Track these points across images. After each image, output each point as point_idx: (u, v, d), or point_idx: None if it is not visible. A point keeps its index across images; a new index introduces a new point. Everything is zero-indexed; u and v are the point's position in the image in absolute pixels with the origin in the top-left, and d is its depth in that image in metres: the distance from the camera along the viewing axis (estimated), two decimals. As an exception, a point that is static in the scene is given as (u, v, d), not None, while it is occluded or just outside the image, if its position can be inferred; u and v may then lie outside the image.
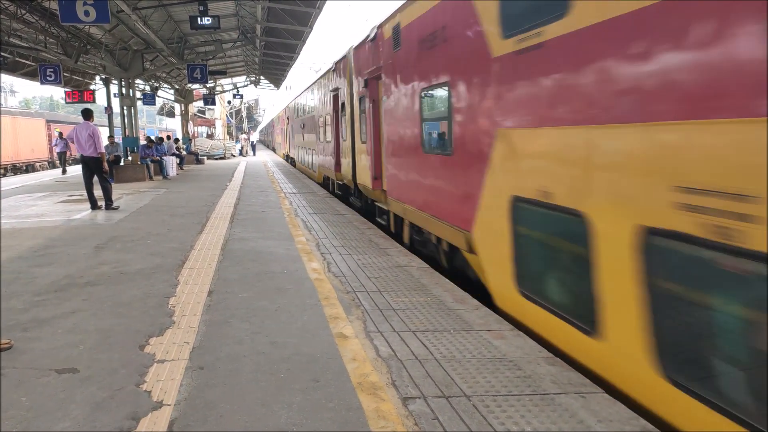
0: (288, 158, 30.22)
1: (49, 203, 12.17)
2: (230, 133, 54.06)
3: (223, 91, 40.99)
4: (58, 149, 25.22)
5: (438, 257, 6.77)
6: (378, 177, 9.56)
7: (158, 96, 32.09)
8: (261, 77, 36.93)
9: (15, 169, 31.88)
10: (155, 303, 4.80)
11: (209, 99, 36.36)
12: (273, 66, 30.88)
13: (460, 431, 2.72)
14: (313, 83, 17.51)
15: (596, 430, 2.73)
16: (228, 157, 35.67)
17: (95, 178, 10.86)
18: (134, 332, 4.09)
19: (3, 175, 27.71)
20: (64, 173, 22.88)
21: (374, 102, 9.30)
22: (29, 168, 33.83)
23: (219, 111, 48.55)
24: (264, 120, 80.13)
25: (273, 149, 50.65)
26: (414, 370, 3.43)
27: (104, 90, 24.94)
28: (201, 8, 14.18)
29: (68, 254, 6.78)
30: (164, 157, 19.79)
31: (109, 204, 10.87)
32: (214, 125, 48.58)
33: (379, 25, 8.45)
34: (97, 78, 26.65)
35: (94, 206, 10.84)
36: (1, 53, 18.93)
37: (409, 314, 4.53)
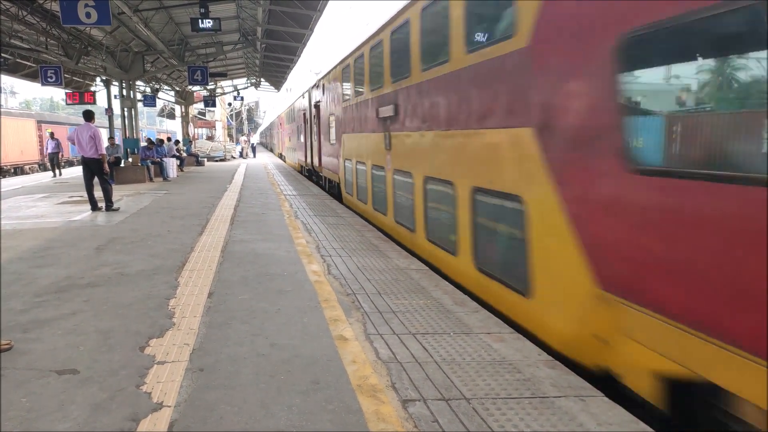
0: (281, 156, 38.17)
1: (49, 204, 12.17)
2: (230, 135, 54.10)
3: (224, 93, 41.05)
4: (50, 150, 23.90)
5: (325, 186, 16.07)
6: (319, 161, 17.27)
7: (159, 98, 32.15)
8: (261, 79, 37.00)
9: (1, 172, 28.91)
10: (155, 304, 4.81)
11: (209, 101, 36.43)
12: (273, 68, 30.94)
13: (460, 434, 2.72)
14: (293, 103, 25.51)
15: (596, 434, 2.73)
16: (228, 159, 35.70)
17: (95, 180, 10.87)
18: (134, 333, 4.09)
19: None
20: (59, 175, 22.17)
21: (317, 119, 16.58)
22: (17, 171, 31.95)
23: (219, 113, 48.62)
24: (264, 122, 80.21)
25: (272, 151, 50.90)
26: (414, 373, 3.44)
27: (105, 91, 24.98)
28: (202, 10, 14.22)
29: (68, 255, 6.79)
30: (164, 159, 19.80)
31: (110, 205, 10.87)
32: (215, 127, 48.65)
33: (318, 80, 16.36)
34: (98, 79, 26.69)
35: (95, 207, 10.84)
36: (2, 54, 18.96)
37: (409, 317, 4.54)
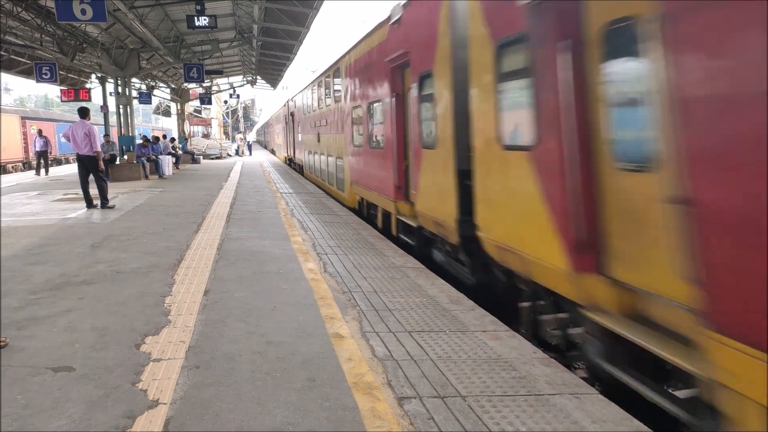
0: (273, 152, 44.43)
1: (45, 202, 12.13)
2: (226, 133, 53.94)
3: (220, 91, 40.88)
4: (38, 148, 22.86)
5: (297, 170, 23.55)
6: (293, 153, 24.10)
7: (154, 95, 32.01)
8: (258, 77, 36.89)
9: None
10: (151, 302, 4.80)
11: (205, 98, 36.24)
12: (270, 66, 30.87)
13: (456, 431, 2.74)
14: (278, 111, 32.40)
15: (590, 431, 2.75)
16: (224, 157, 35.63)
17: (91, 177, 10.84)
18: (130, 331, 4.09)
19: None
20: (46, 174, 21.56)
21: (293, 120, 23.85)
22: (-2, 169, 29.28)
23: (215, 110, 48.43)
24: (260, 120, 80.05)
25: (267, 148, 51.38)
26: (410, 370, 3.45)
27: (100, 89, 24.86)
28: (198, 8, 14.16)
29: (64, 253, 6.77)
30: (160, 157, 19.75)
31: (105, 203, 10.84)
32: (211, 125, 48.47)
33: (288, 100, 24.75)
34: (93, 76, 26.56)
35: (90, 205, 10.81)
36: (-3, 51, 18.86)
37: (405, 315, 4.55)
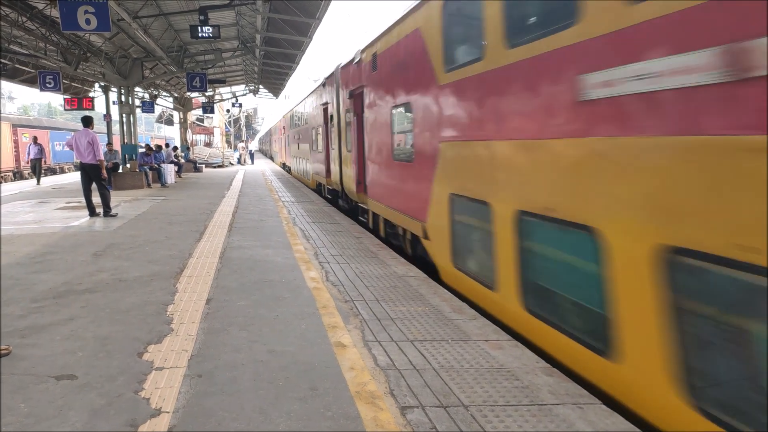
0: (272, 158, 45.79)
1: (47, 210, 12.16)
2: (228, 142, 54.13)
3: (222, 100, 41.09)
4: (32, 156, 22.12)
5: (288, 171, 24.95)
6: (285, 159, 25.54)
7: (157, 104, 32.16)
8: (260, 86, 37.06)
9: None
10: (153, 310, 4.81)
11: (208, 107, 36.44)
12: (272, 75, 31.01)
13: (458, 441, 2.73)
14: (275, 123, 35.10)
15: (593, 441, 2.74)
16: (226, 166, 35.72)
17: (93, 185, 10.87)
18: (132, 339, 4.09)
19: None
20: (37, 183, 20.83)
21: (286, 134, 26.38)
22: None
23: (217, 119, 48.66)
24: (262, 129, 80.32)
25: (271, 158, 51.53)
26: (412, 380, 3.44)
27: (103, 97, 25.00)
28: (201, 18, 14.27)
29: (66, 261, 6.78)
30: (162, 165, 19.81)
31: (107, 211, 10.87)
32: (213, 133, 48.67)
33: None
34: (97, 85, 26.70)
35: (92, 213, 10.84)
36: (1, 60, 18.97)
37: (407, 324, 4.55)
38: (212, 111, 37.65)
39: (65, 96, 24.03)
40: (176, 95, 32.54)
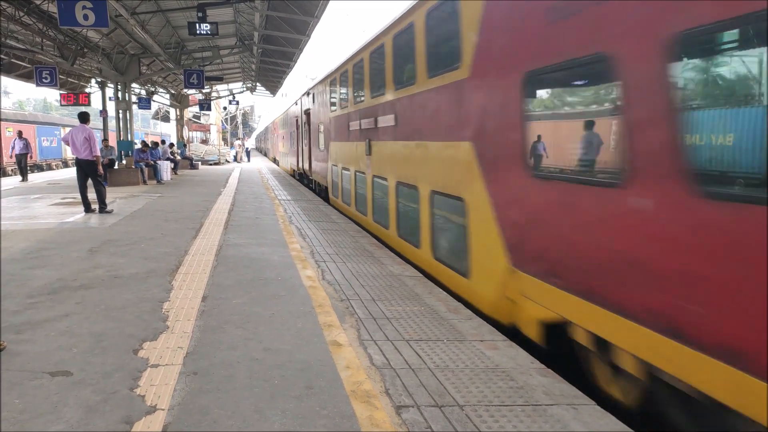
0: (265, 154, 49.53)
1: (42, 205, 12.11)
2: (225, 139, 54.01)
3: (219, 97, 41.01)
4: (17, 151, 20.83)
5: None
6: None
7: (154, 100, 32.06)
8: (257, 84, 37.04)
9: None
10: (149, 307, 4.80)
11: (205, 104, 36.38)
12: (270, 73, 30.99)
13: (453, 440, 2.74)
14: (267, 125, 39.01)
15: (587, 441, 2.76)
16: (222, 163, 35.65)
17: (89, 181, 10.84)
18: (128, 336, 4.09)
19: None
20: (24, 180, 19.94)
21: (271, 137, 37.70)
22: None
23: (214, 117, 48.56)
24: (259, 127, 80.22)
25: (265, 155, 51.97)
26: (407, 379, 3.45)
27: (100, 93, 24.91)
28: (199, 14, 14.23)
29: (61, 257, 6.76)
30: (158, 162, 19.76)
31: (103, 207, 10.84)
32: (209, 131, 48.56)
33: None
34: (93, 81, 26.61)
35: (88, 209, 10.80)
36: (-2, 55, 18.89)
37: (403, 323, 4.56)
38: (209, 108, 37.66)
39: (61, 91, 23.96)
40: (173, 92, 32.46)
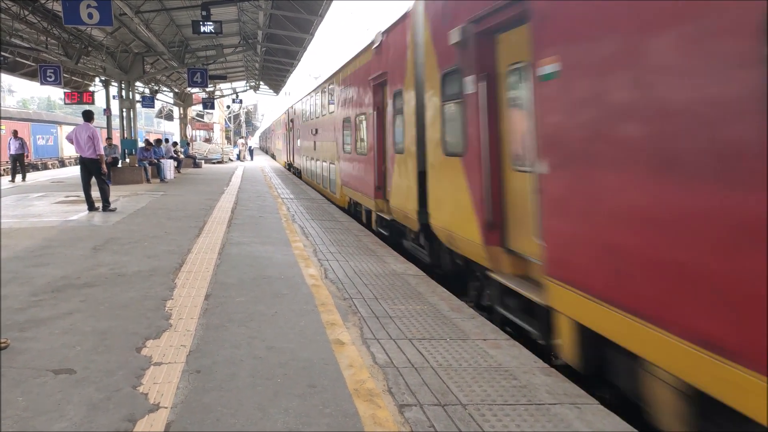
0: (267, 151, 54.77)
1: (46, 204, 12.15)
2: (228, 138, 54.05)
3: (223, 96, 41.05)
4: (12, 151, 19.90)
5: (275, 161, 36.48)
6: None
7: (157, 99, 32.11)
8: (261, 82, 37.01)
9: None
10: (152, 305, 4.81)
11: (208, 103, 36.40)
12: (273, 72, 30.98)
13: (456, 439, 2.73)
14: (269, 125, 48.70)
15: (591, 441, 2.75)
16: (225, 162, 35.69)
17: (93, 180, 10.87)
18: (131, 334, 4.09)
19: None
20: (23, 180, 19.30)
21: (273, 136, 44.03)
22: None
23: (218, 115, 48.58)
24: (262, 126, 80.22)
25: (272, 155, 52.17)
26: (410, 378, 3.45)
27: (104, 92, 24.96)
28: (203, 13, 14.23)
29: (65, 255, 6.78)
30: (162, 160, 19.79)
31: (107, 206, 10.87)
32: (213, 129, 48.59)
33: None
34: (97, 80, 26.66)
35: (91, 207, 10.83)
36: (2, 53, 18.92)
37: (406, 322, 4.55)
38: (212, 107, 37.64)
39: (65, 90, 24.00)
40: (177, 90, 32.48)
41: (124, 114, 19.33)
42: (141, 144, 20.26)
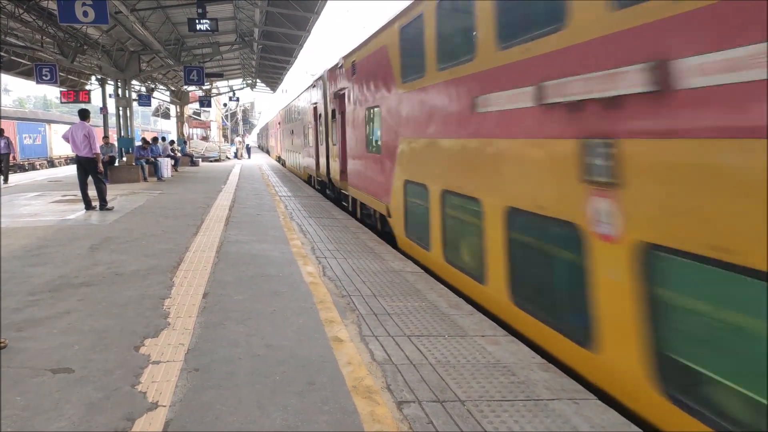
0: (260, 147, 57.76)
1: (43, 203, 12.12)
2: (225, 136, 53.93)
3: (219, 94, 40.92)
4: None
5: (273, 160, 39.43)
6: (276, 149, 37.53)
7: (154, 97, 32.01)
8: (257, 80, 36.96)
9: None
10: (150, 304, 4.80)
11: (205, 101, 36.30)
12: (270, 69, 30.94)
13: (455, 435, 2.74)
14: (266, 123, 49.24)
15: (589, 436, 2.76)
16: (223, 160, 35.64)
17: (90, 179, 10.84)
18: (129, 333, 4.09)
19: None
20: (5, 182, 18.26)
21: (272, 132, 43.40)
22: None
23: (214, 113, 48.44)
24: (259, 123, 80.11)
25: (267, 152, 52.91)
26: (409, 375, 3.46)
27: (100, 90, 24.89)
28: (199, 11, 14.20)
29: (63, 254, 6.76)
30: (159, 159, 19.76)
31: (104, 204, 10.84)
32: (209, 127, 48.48)
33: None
34: (93, 78, 26.58)
35: (89, 206, 10.81)
36: (-2, 52, 18.84)
37: (404, 319, 4.56)
38: (209, 105, 37.55)
39: (61, 89, 23.93)
40: (173, 89, 32.42)
41: (121, 112, 19.28)
42: (138, 142, 20.22)
